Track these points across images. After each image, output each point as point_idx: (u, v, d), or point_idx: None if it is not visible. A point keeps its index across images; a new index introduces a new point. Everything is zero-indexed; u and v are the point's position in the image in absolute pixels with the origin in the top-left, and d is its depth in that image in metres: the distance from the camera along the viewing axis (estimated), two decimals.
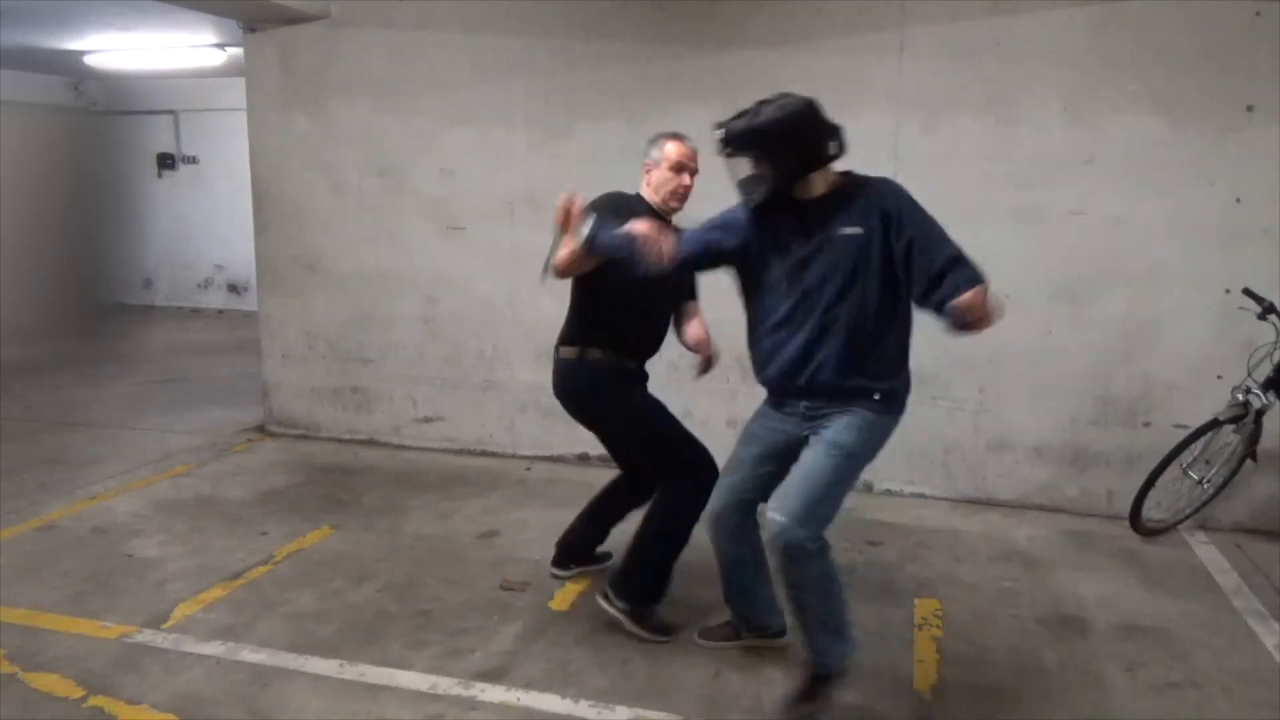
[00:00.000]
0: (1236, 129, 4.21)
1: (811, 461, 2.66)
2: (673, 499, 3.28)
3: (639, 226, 2.72)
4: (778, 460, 2.79)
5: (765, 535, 2.68)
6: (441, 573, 3.84)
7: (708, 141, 2.78)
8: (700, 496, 3.06)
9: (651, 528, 3.32)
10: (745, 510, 2.94)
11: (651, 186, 3.27)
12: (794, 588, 2.71)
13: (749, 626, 3.18)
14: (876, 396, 2.67)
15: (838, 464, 2.65)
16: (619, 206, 3.09)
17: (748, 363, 2.91)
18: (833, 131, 2.65)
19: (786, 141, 2.60)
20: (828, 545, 2.66)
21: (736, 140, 2.62)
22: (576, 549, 3.78)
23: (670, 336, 3.45)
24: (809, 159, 2.64)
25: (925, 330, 4.73)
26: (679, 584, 3.43)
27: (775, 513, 2.61)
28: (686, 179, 3.24)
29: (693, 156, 3.25)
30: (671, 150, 3.23)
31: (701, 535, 3.09)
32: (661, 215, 3.21)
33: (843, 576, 2.81)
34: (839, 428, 2.66)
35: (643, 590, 3.32)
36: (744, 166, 2.64)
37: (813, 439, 2.71)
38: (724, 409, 4.88)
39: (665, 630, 3.32)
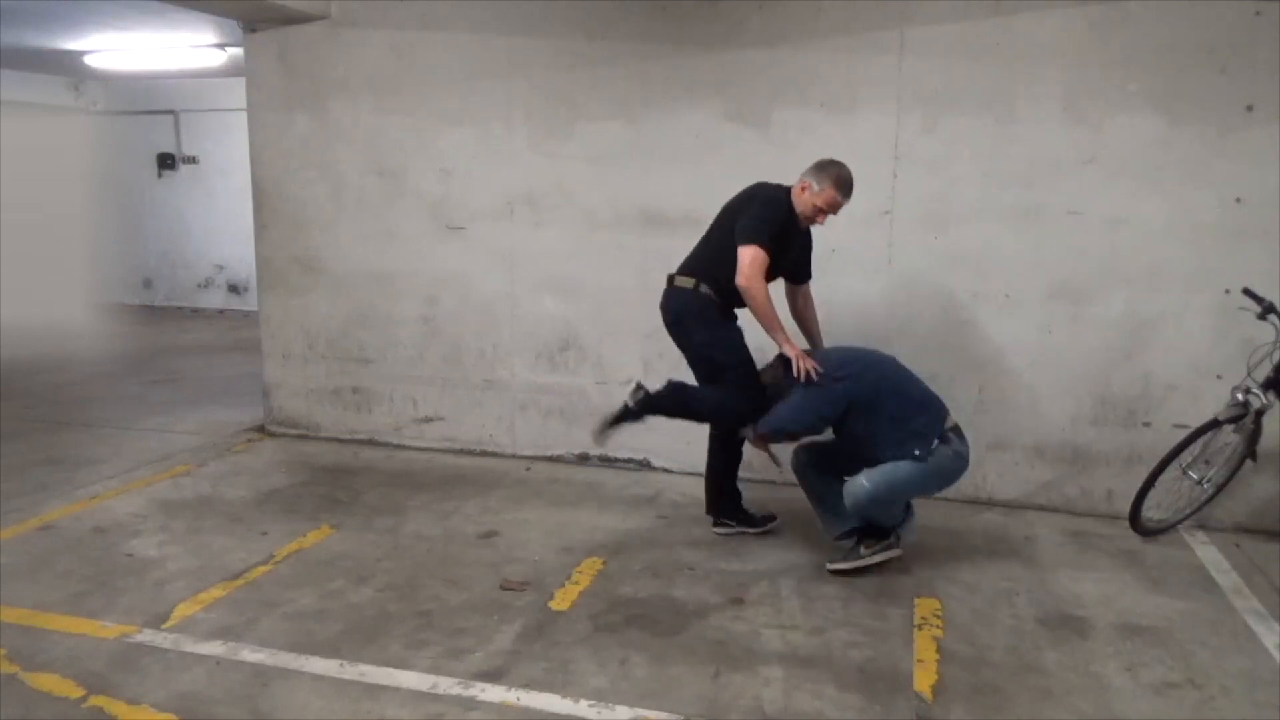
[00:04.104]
0: (1236, 129, 4.21)
1: None
2: (720, 394, 4.02)
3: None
4: None
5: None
6: (441, 573, 3.85)
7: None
8: (731, 411, 4.01)
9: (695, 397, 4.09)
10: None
11: (801, 199, 3.90)
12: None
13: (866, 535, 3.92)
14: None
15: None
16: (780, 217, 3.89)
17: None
18: None
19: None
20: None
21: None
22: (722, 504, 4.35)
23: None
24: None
25: (927, 330, 4.76)
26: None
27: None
28: (823, 220, 3.95)
29: (839, 208, 3.93)
30: (833, 196, 3.86)
31: None
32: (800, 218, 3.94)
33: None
34: None
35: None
36: (771, 372, 3.90)
37: None
38: None
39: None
